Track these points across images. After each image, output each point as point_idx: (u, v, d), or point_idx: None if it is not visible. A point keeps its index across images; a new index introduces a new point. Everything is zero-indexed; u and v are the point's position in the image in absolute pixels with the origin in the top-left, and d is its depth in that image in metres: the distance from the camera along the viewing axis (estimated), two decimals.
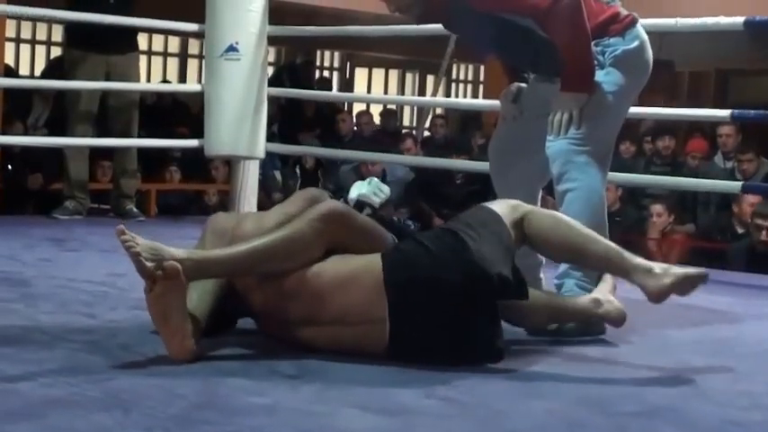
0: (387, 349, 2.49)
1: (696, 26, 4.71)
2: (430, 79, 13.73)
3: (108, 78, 5.66)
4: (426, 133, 10.67)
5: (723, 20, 4.48)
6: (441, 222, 7.50)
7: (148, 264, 2.35)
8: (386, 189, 2.95)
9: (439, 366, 2.45)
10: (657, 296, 2.63)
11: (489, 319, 2.55)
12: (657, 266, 2.65)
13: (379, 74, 14.01)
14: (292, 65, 11.52)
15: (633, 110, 7.20)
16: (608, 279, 2.90)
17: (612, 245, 2.72)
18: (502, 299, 2.57)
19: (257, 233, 2.55)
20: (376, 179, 2.99)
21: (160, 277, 2.35)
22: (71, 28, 5.94)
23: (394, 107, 11.59)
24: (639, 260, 2.67)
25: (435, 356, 2.49)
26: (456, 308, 2.48)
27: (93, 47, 5.63)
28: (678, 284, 2.62)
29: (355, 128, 9.62)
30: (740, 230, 6.51)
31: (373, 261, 2.51)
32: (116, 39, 5.59)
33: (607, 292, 2.88)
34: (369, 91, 13.75)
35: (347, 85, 13.36)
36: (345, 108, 10.97)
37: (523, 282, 2.61)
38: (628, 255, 2.69)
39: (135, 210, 5.80)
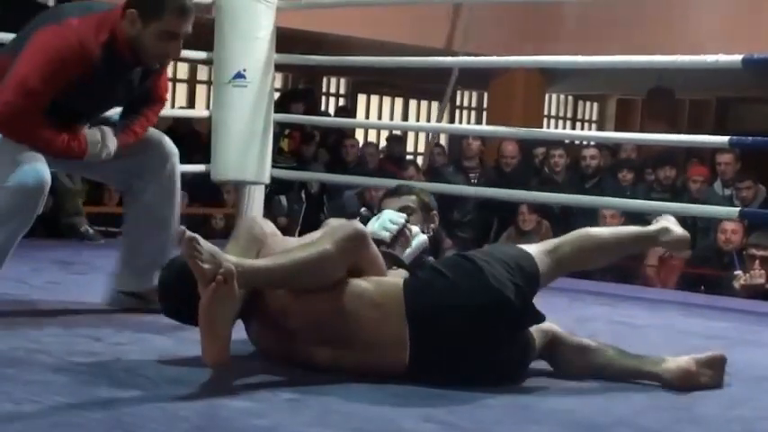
0: (406, 372, 2.55)
1: (695, 63, 4.77)
2: (434, 106, 13.79)
3: None
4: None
5: (722, 57, 4.53)
6: (451, 244, 7.52)
7: (206, 266, 2.35)
8: (397, 218, 2.98)
9: (441, 388, 2.49)
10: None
11: (511, 341, 2.61)
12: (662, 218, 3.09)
13: (385, 101, 14.04)
14: (294, 92, 11.47)
15: (631, 136, 7.24)
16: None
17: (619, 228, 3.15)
18: (522, 321, 2.62)
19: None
20: (388, 211, 3.02)
21: (219, 282, 2.35)
22: None
23: (399, 133, 11.60)
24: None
25: (454, 379, 2.55)
26: (475, 331, 2.55)
27: None
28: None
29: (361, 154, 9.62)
30: (725, 259, 6.50)
31: (395, 287, 2.59)
32: None
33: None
34: (374, 117, 13.74)
35: (352, 111, 13.33)
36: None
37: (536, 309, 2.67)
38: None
39: (90, 231, 5.73)
